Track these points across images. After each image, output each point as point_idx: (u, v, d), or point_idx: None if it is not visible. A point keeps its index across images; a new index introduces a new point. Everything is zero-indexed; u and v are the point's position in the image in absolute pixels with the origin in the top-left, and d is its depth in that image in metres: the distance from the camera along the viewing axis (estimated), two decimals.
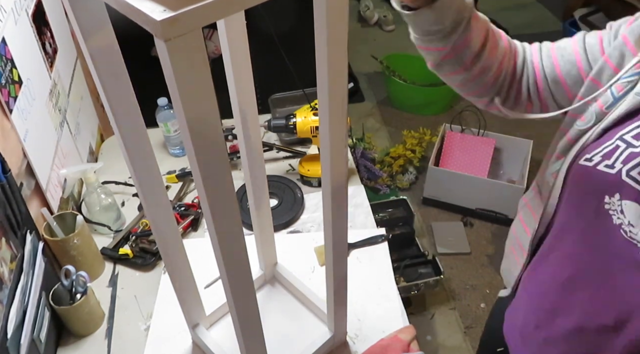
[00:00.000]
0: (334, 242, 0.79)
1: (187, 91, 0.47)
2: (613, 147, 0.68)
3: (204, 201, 0.57)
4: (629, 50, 0.72)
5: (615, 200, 0.66)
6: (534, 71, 0.84)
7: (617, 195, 0.66)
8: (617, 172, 0.66)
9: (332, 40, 0.56)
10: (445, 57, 0.81)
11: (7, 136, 0.99)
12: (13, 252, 0.92)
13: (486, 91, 0.86)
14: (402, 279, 1.93)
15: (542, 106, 0.85)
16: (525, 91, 0.85)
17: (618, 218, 0.66)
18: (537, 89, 0.84)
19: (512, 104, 0.87)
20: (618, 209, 0.66)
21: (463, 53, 0.80)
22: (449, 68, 0.83)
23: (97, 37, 0.61)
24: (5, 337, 0.84)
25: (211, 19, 0.44)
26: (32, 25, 1.17)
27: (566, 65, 0.80)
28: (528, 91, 0.85)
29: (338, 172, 0.70)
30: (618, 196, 0.66)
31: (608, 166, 0.67)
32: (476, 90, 0.86)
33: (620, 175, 0.66)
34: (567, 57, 0.80)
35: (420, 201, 2.47)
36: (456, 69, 0.83)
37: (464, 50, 0.79)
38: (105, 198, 1.23)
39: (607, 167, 0.67)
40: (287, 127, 1.33)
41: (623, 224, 0.66)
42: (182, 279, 0.91)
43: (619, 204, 0.66)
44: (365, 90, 3.21)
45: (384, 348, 0.90)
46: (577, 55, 0.79)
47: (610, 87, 0.71)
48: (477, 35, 0.79)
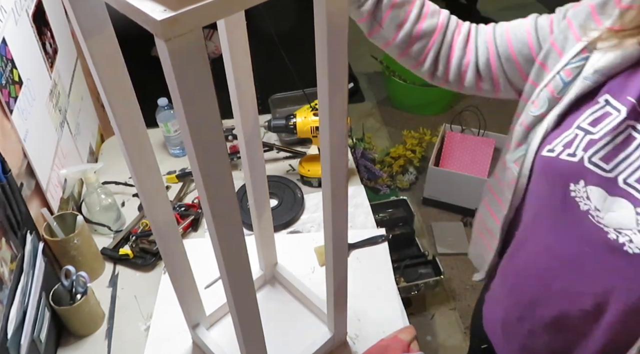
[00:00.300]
0: (334, 242, 0.79)
1: (187, 90, 0.47)
2: (573, 136, 0.70)
3: (204, 201, 0.57)
4: (572, 34, 0.74)
5: (580, 187, 0.69)
6: (487, 49, 0.86)
7: (581, 182, 0.68)
8: (580, 160, 0.68)
9: (332, 40, 0.56)
10: (371, 32, 0.87)
11: (7, 136, 0.99)
12: (13, 252, 0.92)
13: (420, 65, 0.89)
14: (402, 279, 1.93)
15: (494, 85, 0.87)
16: (474, 69, 0.87)
17: (585, 204, 0.68)
18: (489, 68, 0.86)
19: (457, 80, 0.90)
20: (584, 196, 0.68)
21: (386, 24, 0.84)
22: (380, 41, 0.88)
23: (97, 37, 0.61)
24: (6, 337, 0.84)
25: (211, 19, 0.44)
26: (33, 25, 1.17)
27: (518, 44, 0.82)
28: (477, 70, 0.87)
29: (338, 172, 0.70)
30: (583, 183, 0.68)
31: (570, 155, 0.69)
32: (412, 64, 0.90)
33: (582, 162, 0.68)
34: (520, 36, 0.82)
35: (420, 201, 2.47)
36: (386, 41, 0.87)
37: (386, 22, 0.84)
38: (106, 198, 1.23)
39: (569, 156, 0.69)
40: (287, 128, 1.33)
41: (590, 210, 0.68)
42: (182, 279, 0.91)
43: (584, 190, 0.68)
44: (365, 90, 3.22)
45: (384, 348, 0.90)
46: (528, 34, 0.81)
47: (559, 73, 0.73)
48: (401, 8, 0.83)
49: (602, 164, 0.67)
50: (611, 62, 0.69)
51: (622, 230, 0.65)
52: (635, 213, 0.64)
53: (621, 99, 0.68)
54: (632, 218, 0.64)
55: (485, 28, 0.88)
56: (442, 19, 0.87)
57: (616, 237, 0.66)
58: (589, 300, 0.71)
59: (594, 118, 0.69)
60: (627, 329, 0.70)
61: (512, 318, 0.85)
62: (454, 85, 0.91)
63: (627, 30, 0.68)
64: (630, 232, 0.65)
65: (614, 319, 0.70)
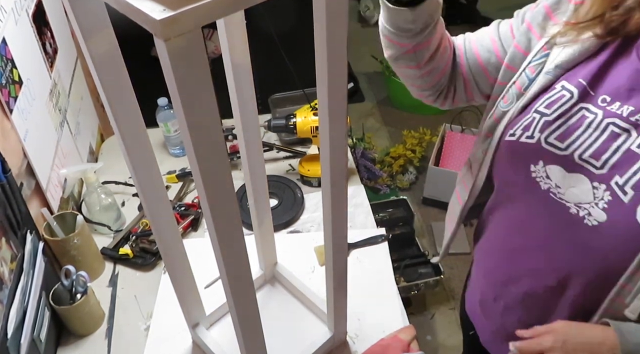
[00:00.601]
0: (334, 242, 0.79)
1: (187, 90, 0.47)
2: (531, 120, 0.76)
3: (204, 201, 0.57)
4: (533, 35, 0.80)
5: (539, 167, 0.74)
6: (461, 69, 0.91)
7: (540, 162, 0.73)
8: (537, 141, 0.74)
9: (332, 40, 0.56)
10: (406, 53, 0.86)
11: (7, 136, 0.99)
12: (13, 252, 0.92)
13: (430, 88, 0.93)
14: (402, 279, 1.93)
15: (467, 96, 0.93)
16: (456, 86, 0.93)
17: (546, 183, 0.73)
18: (463, 83, 0.91)
19: (450, 100, 0.95)
20: (544, 175, 0.73)
21: (421, 52, 0.85)
22: (405, 63, 0.88)
23: (97, 37, 0.61)
24: (6, 337, 0.84)
25: (211, 19, 0.44)
26: (33, 25, 1.17)
27: (486, 54, 0.87)
28: (455, 86, 0.93)
29: (338, 172, 0.70)
30: (542, 163, 0.73)
31: (528, 137, 0.75)
32: (422, 85, 0.93)
33: (540, 143, 0.73)
34: (486, 47, 0.87)
35: (420, 201, 2.47)
36: (410, 65, 0.88)
37: (423, 50, 0.85)
38: (106, 198, 1.23)
39: (528, 138, 0.75)
40: (287, 127, 1.33)
41: (551, 188, 0.73)
42: (182, 279, 0.91)
43: (544, 170, 0.73)
44: (365, 90, 3.22)
45: (384, 348, 0.90)
46: (493, 43, 0.86)
47: (525, 70, 0.79)
48: (437, 38, 0.85)
49: (557, 143, 0.72)
50: (569, 56, 0.75)
51: (581, 204, 0.70)
52: (591, 187, 0.69)
53: (574, 82, 0.74)
54: (589, 192, 0.70)
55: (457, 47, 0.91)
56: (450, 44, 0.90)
57: (577, 212, 0.71)
58: (554, 276, 0.76)
59: (550, 101, 0.75)
60: (590, 299, 0.74)
61: (488, 297, 0.90)
62: (446, 103, 0.96)
63: (582, 23, 0.73)
64: (588, 205, 0.69)
65: (577, 292, 0.74)
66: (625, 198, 0.67)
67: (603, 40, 0.73)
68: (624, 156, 0.69)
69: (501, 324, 0.90)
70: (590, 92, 0.73)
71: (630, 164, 0.68)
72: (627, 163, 0.68)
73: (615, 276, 0.69)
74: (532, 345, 0.74)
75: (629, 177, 0.67)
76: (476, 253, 0.96)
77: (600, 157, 0.70)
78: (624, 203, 0.67)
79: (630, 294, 0.69)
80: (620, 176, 0.68)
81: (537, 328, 0.75)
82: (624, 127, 0.70)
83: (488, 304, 0.91)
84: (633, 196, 0.67)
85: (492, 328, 0.94)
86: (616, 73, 0.72)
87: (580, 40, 0.74)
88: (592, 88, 0.73)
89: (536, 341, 0.74)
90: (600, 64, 0.73)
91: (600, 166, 0.69)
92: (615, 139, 0.70)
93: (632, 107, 0.69)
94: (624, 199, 0.67)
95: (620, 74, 0.71)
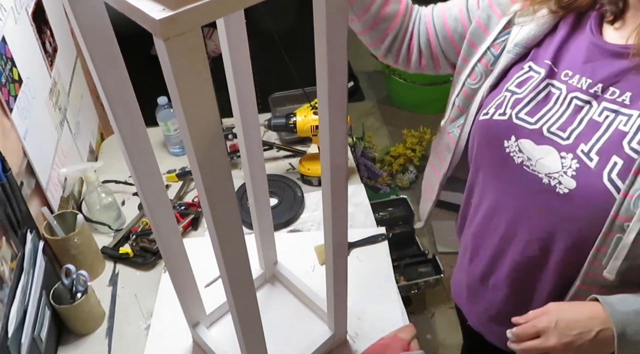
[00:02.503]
0: (334, 241, 0.79)
1: (187, 90, 0.47)
2: (502, 98, 0.80)
3: (204, 200, 0.57)
4: (494, 12, 0.84)
5: (512, 142, 0.78)
6: (427, 30, 0.94)
7: (512, 137, 0.78)
8: (509, 118, 0.78)
9: (332, 39, 0.56)
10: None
11: (7, 135, 0.99)
12: (13, 251, 0.92)
13: (380, 43, 0.96)
14: (402, 278, 1.93)
15: (434, 63, 0.97)
16: (417, 48, 0.96)
17: (519, 157, 0.77)
18: (429, 46, 0.95)
19: (405, 60, 0.98)
20: (516, 150, 0.77)
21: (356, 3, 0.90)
22: None
23: (96, 36, 0.60)
24: (6, 336, 0.84)
25: (210, 18, 0.44)
26: (32, 24, 1.17)
27: (452, 22, 0.91)
28: (419, 49, 0.96)
29: (338, 171, 0.70)
30: (514, 138, 0.77)
31: (501, 114, 0.79)
32: (371, 42, 0.97)
33: (511, 119, 0.78)
34: (454, 15, 0.91)
35: (420, 200, 2.47)
36: (351, 18, 0.92)
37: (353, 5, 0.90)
38: (106, 197, 1.23)
39: (500, 116, 0.79)
40: (287, 126, 1.33)
41: (524, 161, 0.77)
42: (182, 278, 0.91)
43: (516, 144, 0.77)
44: (365, 89, 3.21)
45: (384, 347, 0.90)
46: (461, 12, 0.90)
47: (489, 48, 0.84)
48: None
49: (527, 118, 0.77)
50: (527, 34, 0.80)
51: (551, 174, 0.74)
52: (559, 157, 0.74)
53: (540, 63, 0.79)
54: (558, 162, 0.73)
55: (425, 10, 0.96)
56: (403, 3, 0.94)
57: (548, 182, 0.74)
58: (537, 245, 0.79)
59: (520, 81, 0.79)
60: (571, 265, 0.77)
61: (475, 279, 0.93)
62: (402, 65, 1.00)
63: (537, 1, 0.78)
64: (557, 174, 0.73)
65: (558, 258, 0.78)
66: (591, 164, 0.71)
67: (556, 16, 0.78)
68: (587, 126, 0.73)
69: (489, 304, 0.92)
70: (554, 68, 0.78)
71: (593, 132, 0.72)
72: (591, 131, 0.72)
73: (592, 240, 0.72)
74: (527, 329, 0.76)
75: (593, 144, 0.71)
76: (463, 238, 0.99)
77: (567, 129, 0.74)
78: (590, 169, 0.70)
79: (606, 256, 0.71)
80: (585, 143, 0.72)
81: (531, 313, 0.77)
82: (585, 100, 0.74)
83: (475, 285, 0.94)
84: (598, 161, 0.70)
85: (479, 309, 0.96)
86: (574, 48, 0.77)
87: (537, 19, 0.79)
88: (555, 65, 0.78)
89: (530, 324, 0.76)
90: (560, 40, 0.78)
91: (567, 137, 0.74)
92: (579, 111, 0.75)
93: (590, 80, 0.74)
94: (590, 165, 0.71)
95: (577, 48, 0.76)
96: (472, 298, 0.97)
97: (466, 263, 0.96)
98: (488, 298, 0.92)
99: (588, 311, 0.73)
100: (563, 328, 0.73)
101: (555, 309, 0.76)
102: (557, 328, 0.73)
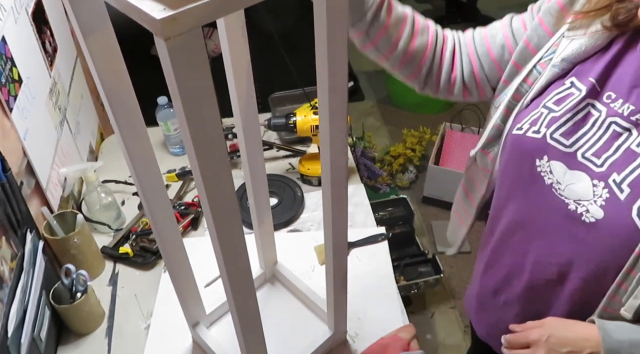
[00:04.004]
0: (334, 241, 0.79)
1: (187, 89, 0.47)
2: (538, 115, 0.76)
3: (204, 200, 0.57)
4: (544, 31, 0.80)
5: (544, 162, 0.74)
6: (470, 61, 0.90)
7: (545, 157, 0.74)
8: (543, 137, 0.74)
9: (332, 39, 0.56)
10: (367, 46, 0.87)
11: (7, 135, 0.99)
12: (13, 251, 0.92)
13: (415, 78, 0.92)
14: (402, 278, 1.93)
15: (478, 92, 0.93)
16: (460, 79, 0.91)
17: (549, 178, 0.74)
18: (474, 77, 0.90)
19: (446, 90, 0.94)
20: (547, 170, 0.74)
21: (382, 43, 0.86)
22: (372, 54, 0.89)
23: (97, 36, 0.60)
24: (6, 336, 0.84)
25: (211, 18, 0.44)
26: (32, 24, 1.17)
27: (499, 51, 0.87)
28: (463, 80, 0.91)
29: (338, 171, 0.70)
30: (546, 158, 0.74)
31: (535, 132, 0.75)
32: (405, 78, 0.93)
33: (545, 138, 0.74)
34: (499, 43, 0.87)
35: (420, 200, 2.47)
36: (379, 57, 0.89)
37: (382, 41, 0.85)
38: (106, 197, 1.23)
39: (534, 133, 0.75)
40: (287, 126, 1.33)
41: (553, 183, 0.74)
42: (182, 278, 0.91)
43: (547, 165, 0.74)
44: (365, 89, 3.21)
45: (384, 347, 0.90)
46: (507, 39, 0.86)
47: (535, 66, 0.79)
48: (392, 28, 0.84)
49: (562, 139, 0.73)
50: (576, 49, 0.75)
51: (580, 201, 0.71)
52: (591, 185, 0.70)
53: (584, 80, 0.74)
54: (589, 190, 0.70)
55: (465, 38, 0.91)
56: (431, 35, 0.89)
57: (575, 208, 0.71)
58: (555, 269, 0.77)
59: (559, 98, 0.75)
60: (588, 296, 0.75)
61: (487, 292, 0.91)
62: (442, 95, 0.95)
63: (590, 12, 0.73)
64: (587, 203, 0.70)
65: (575, 286, 0.75)
66: (622, 196, 0.68)
67: (611, 33, 0.72)
68: (623, 155, 0.69)
69: (499, 318, 0.90)
70: (598, 88, 0.73)
71: (629, 162, 0.68)
72: (626, 161, 0.69)
73: (613, 273, 0.70)
74: (519, 338, 0.76)
75: (627, 175, 0.68)
76: (480, 248, 0.96)
77: (601, 156, 0.70)
78: (620, 201, 0.68)
79: (626, 293, 0.69)
80: (618, 173, 0.69)
81: (529, 323, 0.77)
82: (625, 127, 0.70)
83: (487, 298, 0.92)
84: (629, 193, 0.67)
85: (488, 321, 0.94)
86: (622, 69, 0.72)
87: (589, 34, 0.73)
88: (599, 84, 0.73)
89: (523, 334, 0.76)
90: (609, 59, 0.73)
91: (601, 164, 0.70)
92: (616, 138, 0.70)
93: (633, 106, 0.70)
94: (620, 197, 0.68)
95: (626, 70, 0.71)
96: (481, 309, 0.95)
97: (480, 274, 0.94)
98: (499, 313, 0.90)
99: (583, 332, 0.72)
100: (554, 343, 0.72)
101: (551, 324, 0.75)
102: (547, 343, 0.72)
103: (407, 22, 0.86)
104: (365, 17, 0.82)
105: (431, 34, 0.89)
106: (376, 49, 0.87)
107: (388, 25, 0.84)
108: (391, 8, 0.84)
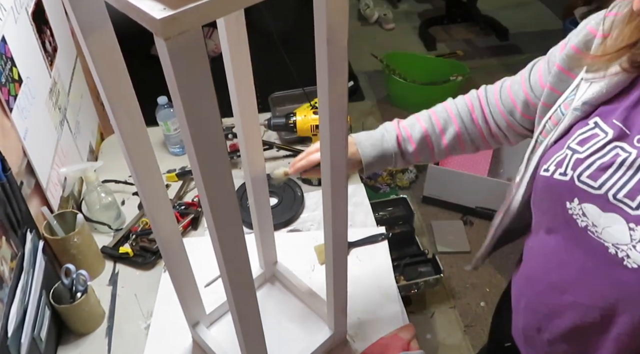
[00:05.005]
0: (334, 241, 0.79)
1: (187, 89, 0.47)
2: (563, 156, 0.74)
3: (204, 200, 0.57)
4: (568, 75, 0.80)
5: (575, 205, 0.72)
6: (503, 117, 0.95)
7: (575, 200, 0.72)
8: (570, 179, 0.72)
9: (332, 39, 0.56)
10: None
11: (7, 135, 0.99)
12: (13, 251, 0.92)
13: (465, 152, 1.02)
14: (402, 277, 1.93)
15: (523, 136, 0.97)
16: (502, 136, 0.98)
17: (582, 221, 0.71)
18: (512, 129, 0.96)
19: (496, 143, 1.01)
20: (580, 213, 0.71)
21: (423, 160, 0.99)
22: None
23: (97, 36, 0.60)
24: (6, 336, 0.84)
25: (211, 18, 0.44)
26: (32, 23, 1.17)
27: (523, 105, 0.91)
28: (505, 134, 0.97)
29: (338, 171, 0.70)
30: (577, 201, 0.71)
31: (561, 174, 0.73)
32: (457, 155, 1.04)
33: (573, 181, 0.71)
34: (521, 98, 0.91)
35: (420, 200, 2.47)
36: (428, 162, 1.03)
37: (420, 160, 0.99)
38: (106, 197, 1.23)
39: (561, 175, 0.73)
40: (287, 126, 1.33)
41: (589, 226, 0.70)
42: (182, 277, 0.91)
43: (579, 208, 0.71)
44: (365, 88, 3.21)
45: (384, 347, 0.90)
46: (527, 95, 0.90)
47: (560, 107, 0.80)
48: (423, 150, 0.97)
49: (590, 182, 0.70)
50: (597, 92, 0.73)
51: (619, 245, 0.68)
52: (628, 228, 0.67)
53: (608, 122, 0.72)
54: (626, 233, 0.67)
55: (492, 97, 0.97)
56: (456, 124, 0.97)
57: (615, 252, 0.68)
58: (597, 313, 0.73)
59: (582, 138, 0.73)
60: (637, 338, 0.71)
61: (531, 328, 0.87)
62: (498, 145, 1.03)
63: (608, 55, 0.71)
64: (626, 247, 0.67)
65: (623, 331, 0.72)
66: None
67: (631, 74, 0.70)
68: None
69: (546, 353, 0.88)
70: (627, 131, 0.70)
71: None
72: None
73: None
74: None
75: None
76: (516, 279, 0.93)
77: (636, 198, 0.67)
78: None
79: None
80: None
81: None
82: None
83: (532, 334, 0.88)
84: None
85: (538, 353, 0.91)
86: None
87: (609, 76, 0.72)
88: (627, 127, 0.71)
89: None
90: (634, 101, 0.71)
91: (636, 207, 0.66)
92: None
93: None
94: None
95: None
96: (529, 345, 0.92)
97: (522, 307, 0.90)
98: (544, 350, 0.87)
99: None
100: None
101: None
102: None
103: (431, 136, 0.96)
104: (395, 165, 0.97)
105: (455, 119, 0.97)
106: (420, 162, 1.00)
107: (416, 154, 0.97)
108: (412, 143, 0.96)
